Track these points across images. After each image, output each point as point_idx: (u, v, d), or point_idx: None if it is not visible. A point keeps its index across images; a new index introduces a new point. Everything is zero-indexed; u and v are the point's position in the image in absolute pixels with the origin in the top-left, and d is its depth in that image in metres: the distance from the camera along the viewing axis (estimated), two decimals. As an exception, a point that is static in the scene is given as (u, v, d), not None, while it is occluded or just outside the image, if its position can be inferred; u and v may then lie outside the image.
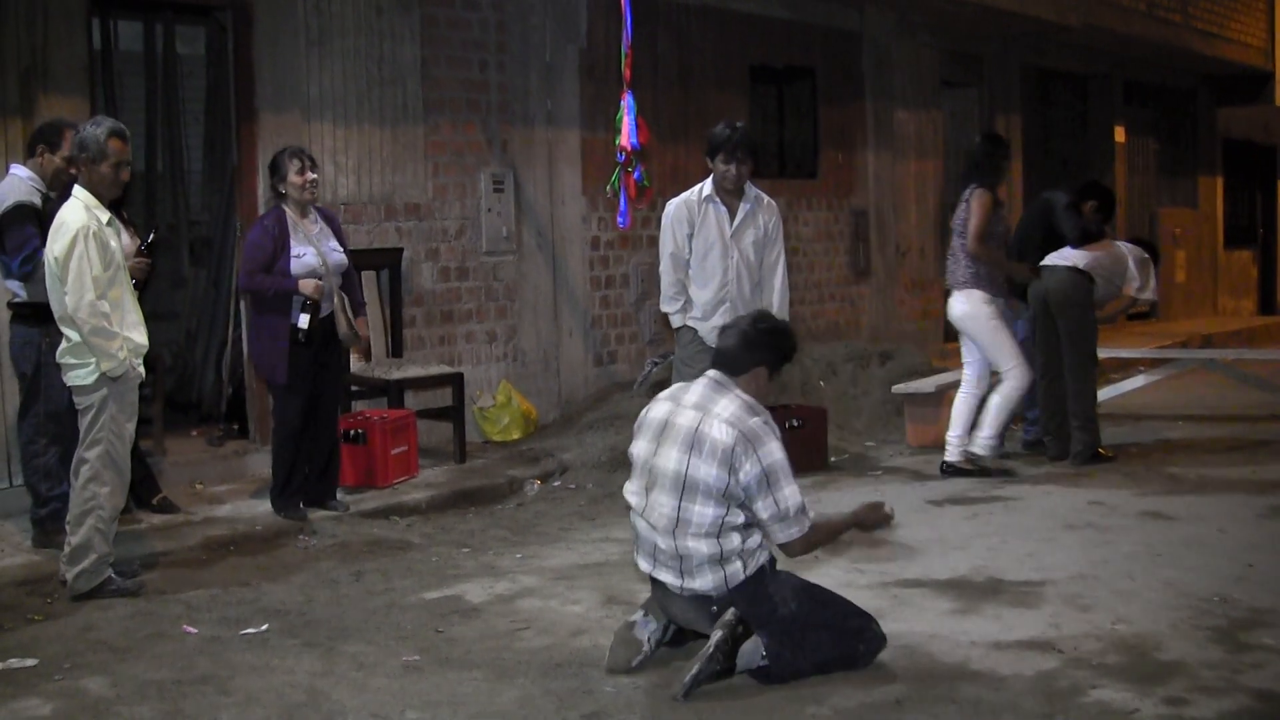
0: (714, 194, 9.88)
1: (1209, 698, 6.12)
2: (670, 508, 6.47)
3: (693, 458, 6.42)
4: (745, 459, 6.34)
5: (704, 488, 6.39)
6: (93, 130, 7.97)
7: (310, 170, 9.75)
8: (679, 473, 6.44)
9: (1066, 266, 11.71)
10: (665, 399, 6.76)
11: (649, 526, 6.62)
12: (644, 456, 6.68)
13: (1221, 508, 10.04)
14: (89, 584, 7.98)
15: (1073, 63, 21.97)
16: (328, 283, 9.69)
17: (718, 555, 6.44)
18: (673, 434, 6.53)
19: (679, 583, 6.55)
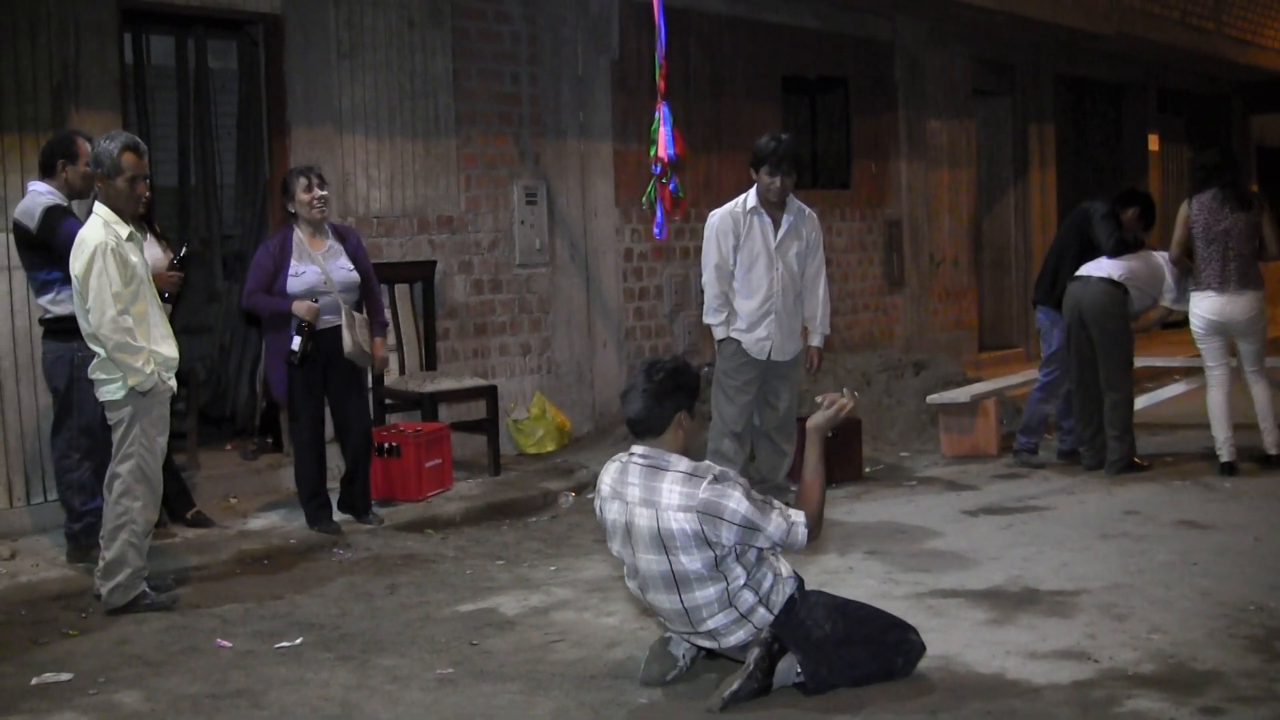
0: (758, 205, 9.90)
1: (1246, 707, 6.08)
2: (674, 603, 6.46)
3: (671, 556, 6.37)
4: (718, 529, 6.30)
5: (695, 576, 6.37)
6: (106, 145, 7.97)
7: (318, 188, 9.75)
8: (666, 573, 6.41)
9: (1101, 277, 11.65)
10: (610, 498, 6.61)
11: (664, 619, 6.63)
12: (626, 559, 6.62)
13: (1257, 516, 9.99)
14: (123, 598, 8.00)
15: (1106, 71, 21.91)
16: (333, 300, 9.71)
17: (739, 618, 6.44)
18: (640, 538, 6.45)
19: (716, 645, 6.55)
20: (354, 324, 9.78)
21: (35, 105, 9.90)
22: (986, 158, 19.68)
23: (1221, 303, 11.38)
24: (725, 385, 10.06)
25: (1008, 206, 19.92)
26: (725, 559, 6.35)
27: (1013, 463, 12.33)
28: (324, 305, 9.70)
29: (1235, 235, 11.42)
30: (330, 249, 9.82)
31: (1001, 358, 18.68)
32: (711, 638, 6.50)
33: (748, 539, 6.35)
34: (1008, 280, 19.88)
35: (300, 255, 9.74)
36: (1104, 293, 11.60)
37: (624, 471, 6.58)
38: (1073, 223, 12.49)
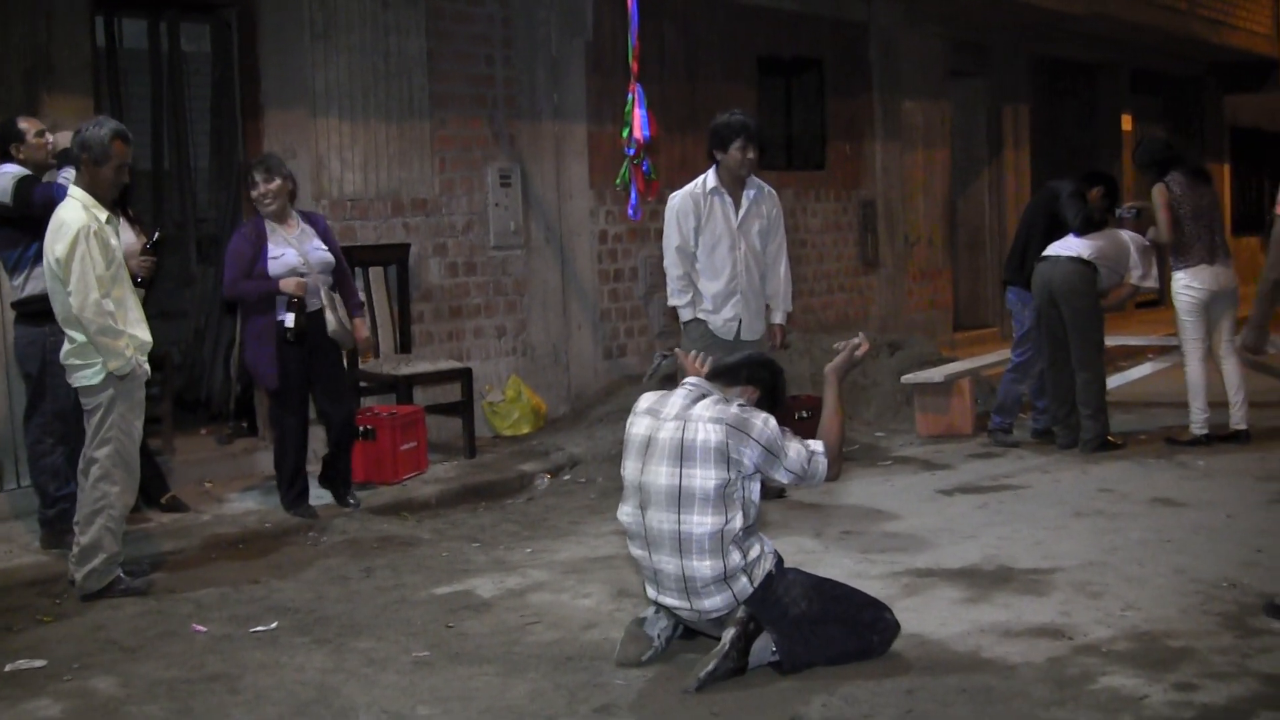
0: (718, 186, 9.92)
1: (1219, 683, 6.11)
2: (670, 523, 6.48)
3: (685, 469, 6.43)
4: (743, 446, 6.39)
5: (701, 495, 6.41)
6: (96, 131, 7.93)
7: (266, 182, 9.73)
8: (672, 487, 6.46)
9: (1070, 256, 11.69)
10: (644, 413, 6.73)
11: (649, 552, 6.63)
12: (633, 476, 6.70)
13: (1230, 494, 10.03)
14: (98, 583, 7.98)
15: (1080, 52, 21.94)
16: (312, 280, 9.71)
17: (722, 574, 6.43)
18: (658, 450, 6.53)
19: (688, 605, 6.55)
20: (335, 304, 9.78)
21: (6, 89, 9.86)
22: (961, 138, 19.70)
23: (1214, 274, 11.58)
24: None
25: (982, 187, 19.96)
26: (733, 490, 6.42)
27: (987, 442, 12.37)
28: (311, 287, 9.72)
29: (1214, 209, 11.66)
30: (303, 231, 9.82)
31: (976, 337, 18.73)
32: (690, 591, 6.49)
33: (768, 464, 6.45)
34: (982, 260, 19.92)
35: (277, 240, 9.76)
36: (1074, 271, 11.63)
37: (667, 395, 6.74)
38: (1039, 202, 12.56)
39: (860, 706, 6.00)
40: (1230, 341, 11.78)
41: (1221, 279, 11.66)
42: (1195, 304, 11.64)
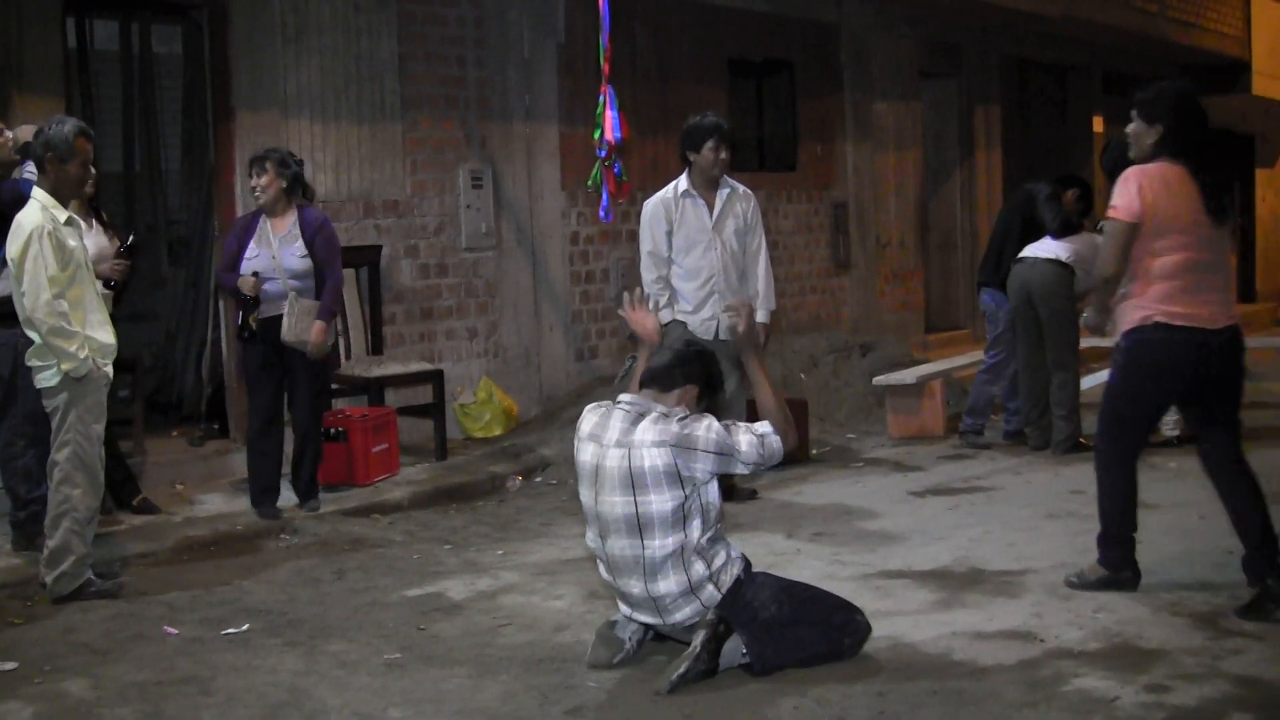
0: (690, 189, 9.96)
1: (1190, 684, 6.13)
2: (633, 549, 6.48)
3: (638, 496, 6.43)
4: (693, 462, 6.41)
5: (659, 519, 6.41)
6: (60, 129, 7.93)
7: (256, 175, 9.90)
8: (629, 515, 6.46)
9: (1047, 258, 11.72)
10: (588, 439, 6.68)
11: (614, 577, 6.64)
12: (589, 504, 6.68)
13: (1202, 495, 9.99)
14: (69, 586, 7.96)
15: (1051, 53, 21.97)
16: (280, 287, 9.80)
17: (688, 588, 6.44)
18: (608, 479, 6.51)
19: (659, 621, 6.56)
20: (293, 310, 9.76)
21: (-23, 90, 9.86)
22: (933, 140, 19.72)
23: None
24: None
25: (954, 188, 19.97)
26: (690, 505, 6.42)
27: (959, 444, 12.40)
28: (271, 291, 9.80)
29: None
30: (288, 233, 9.86)
31: (948, 339, 18.73)
32: (659, 609, 6.50)
33: (724, 465, 6.46)
34: (954, 262, 19.93)
35: (260, 239, 9.88)
36: (1052, 273, 11.67)
37: (607, 417, 6.65)
38: (1015, 204, 12.60)
39: (832, 709, 6.01)
40: None
41: None
42: None
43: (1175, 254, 7.36)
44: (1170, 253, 7.36)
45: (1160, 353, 7.43)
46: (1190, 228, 7.39)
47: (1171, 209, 7.36)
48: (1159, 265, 7.36)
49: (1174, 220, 7.36)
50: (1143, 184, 7.39)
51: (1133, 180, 7.42)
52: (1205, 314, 7.39)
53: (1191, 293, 7.38)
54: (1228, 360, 7.55)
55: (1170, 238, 7.35)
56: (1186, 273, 7.38)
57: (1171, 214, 7.36)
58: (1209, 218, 7.44)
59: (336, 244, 10.21)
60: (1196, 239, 7.41)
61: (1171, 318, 7.35)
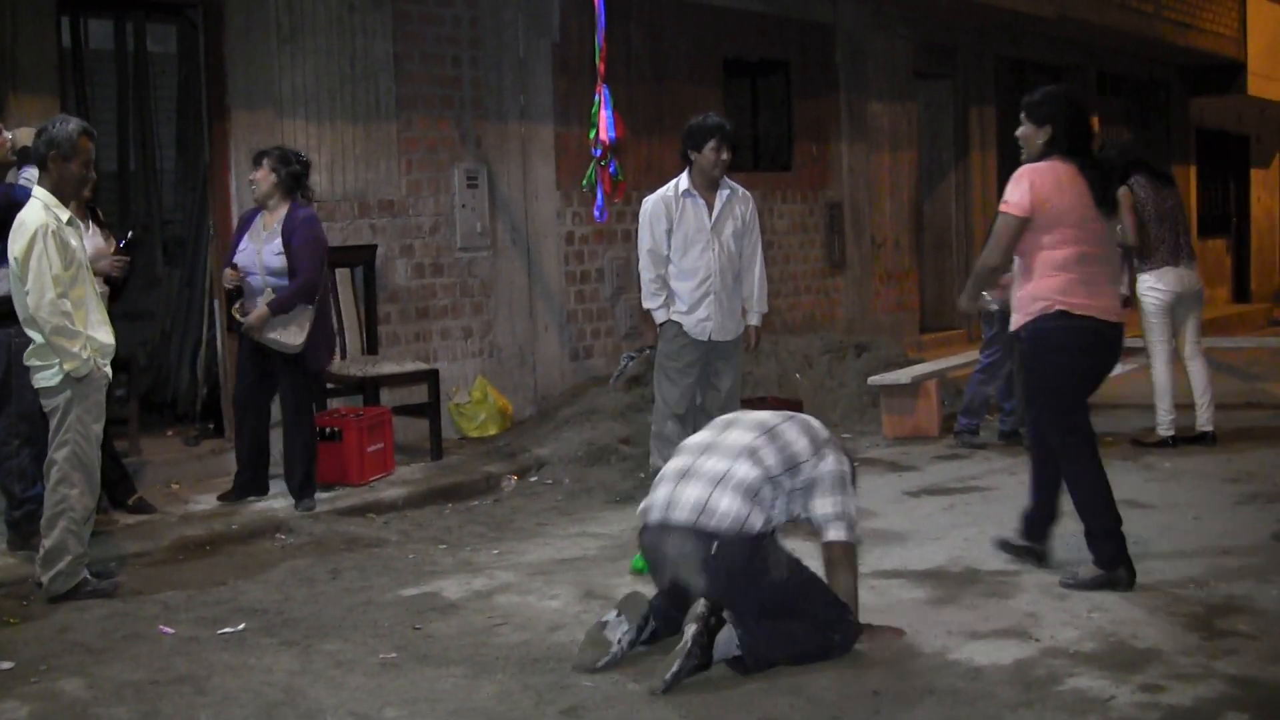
0: (690, 188, 9.95)
1: (1185, 684, 6.13)
2: (724, 465, 6.74)
3: (762, 439, 6.82)
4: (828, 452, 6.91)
5: (764, 464, 6.71)
6: (63, 128, 7.93)
7: (254, 171, 10.11)
8: (748, 445, 6.79)
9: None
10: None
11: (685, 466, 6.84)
12: (704, 439, 7.05)
13: (1197, 496, 10.07)
14: (65, 586, 7.96)
15: (1046, 54, 21.99)
16: (259, 282, 9.93)
17: (752, 490, 6.61)
18: (746, 421, 7.05)
19: (705, 496, 6.65)
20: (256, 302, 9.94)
21: (-28, 90, 9.85)
22: (928, 140, 19.74)
23: (1179, 275, 11.69)
24: (667, 368, 10.08)
25: (949, 189, 19.99)
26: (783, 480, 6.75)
27: (954, 444, 12.41)
28: (254, 286, 9.99)
29: (1179, 211, 11.74)
30: (272, 230, 9.95)
31: (943, 339, 18.75)
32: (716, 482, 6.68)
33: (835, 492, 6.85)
34: (949, 262, 19.95)
35: (253, 234, 10.04)
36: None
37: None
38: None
39: (827, 708, 6.02)
40: (1196, 343, 11.85)
41: (1186, 280, 11.72)
42: (1160, 306, 11.69)
43: (1065, 247, 7.76)
44: (1061, 246, 7.76)
45: (1063, 336, 7.77)
46: (1079, 222, 7.80)
47: (1062, 204, 7.77)
48: (1052, 258, 7.76)
49: (1065, 215, 7.76)
50: (1034, 181, 7.79)
51: (1025, 178, 7.82)
52: (1101, 305, 7.83)
53: (1087, 285, 7.78)
54: (1114, 355, 8.08)
55: (1059, 231, 7.76)
56: (1079, 265, 7.78)
57: (1062, 209, 7.76)
58: (1097, 211, 7.88)
59: (315, 242, 10.09)
60: (1085, 233, 7.82)
61: (1071, 307, 7.74)
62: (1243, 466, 11.00)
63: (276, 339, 9.88)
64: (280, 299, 9.92)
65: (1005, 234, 7.83)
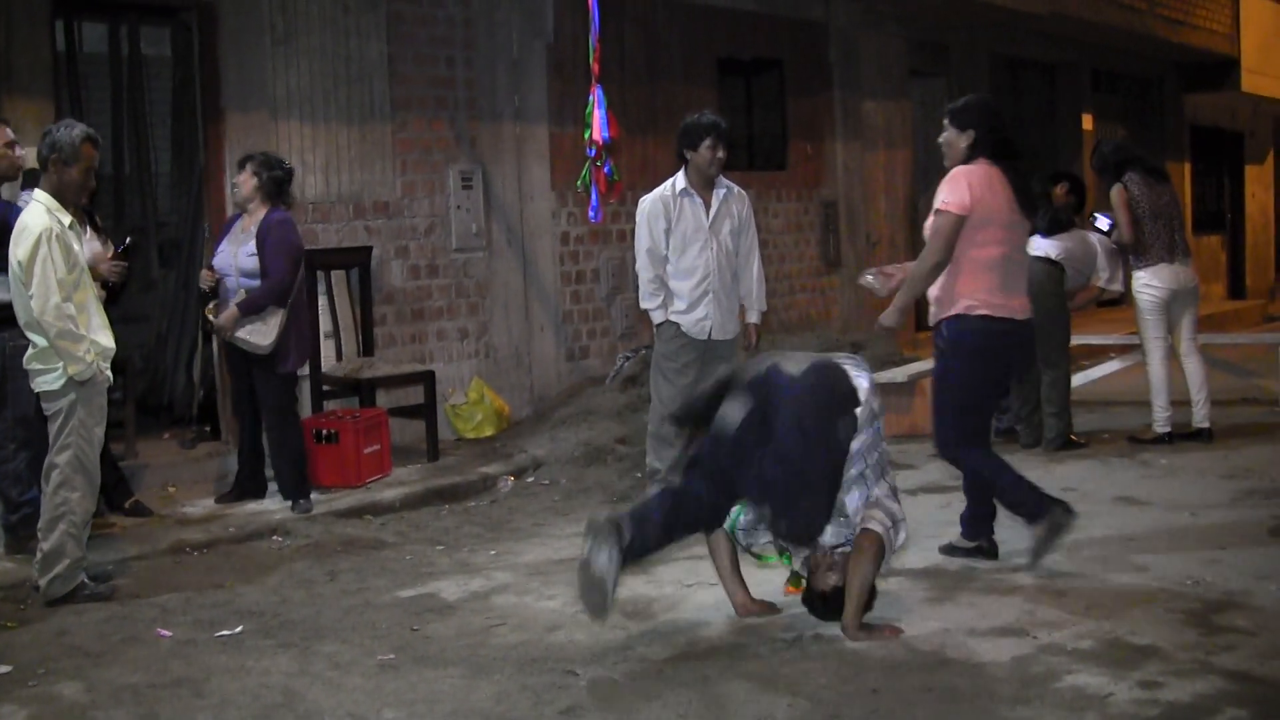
0: (688, 187, 9.96)
1: (1183, 680, 6.13)
2: None
3: None
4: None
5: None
6: (66, 133, 7.93)
7: (236, 174, 10.21)
8: None
9: (1036, 256, 11.71)
10: None
11: None
12: None
13: (1193, 492, 10.07)
14: (62, 589, 7.95)
15: (1040, 51, 22.01)
16: (234, 284, 9.99)
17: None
18: None
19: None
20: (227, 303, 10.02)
21: (-34, 94, 9.84)
22: (922, 138, 19.70)
23: (1174, 272, 11.69)
24: (664, 368, 10.09)
25: (944, 187, 19.96)
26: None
27: (951, 442, 12.39)
28: (229, 288, 10.07)
29: (1174, 207, 11.74)
30: (248, 234, 10.05)
31: (939, 337, 18.73)
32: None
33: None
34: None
35: (232, 237, 10.14)
36: (1041, 271, 11.65)
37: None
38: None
39: (825, 706, 6.01)
40: (1192, 340, 11.86)
41: (1182, 277, 11.72)
42: (1156, 303, 11.69)
43: (992, 248, 8.14)
44: (988, 246, 8.13)
45: (983, 340, 8.14)
46: (1007, 224, 8.22)
47: (993, 205, 8.15)
48: (979, 258, 8.12)
49: (994, 215, 8.15)
50: (971, 181, 8.16)
51: (961, 178, 8.20)
52: (1017, 305, 8.23)
53: (1005, 286, 8.19)
54: (1027, 353, 8.63)
55: (988, 231, 8.13)
56: (1002, 265, 8.18)
57: (993, 209, 8.14)
58: (1020, 215, 8.29)
59: (288, 244, 10.08)
60: (1011, 234, 8.26)
61: (993, 309, 8.12)
62: (1239, 463, 11.00)
63: (245, 339, 9.92)
64: (250, 300, 9.96)
65: (946, 232, 8.12)
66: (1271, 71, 27.19)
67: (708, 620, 7.34)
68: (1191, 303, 11.91)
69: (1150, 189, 11.74)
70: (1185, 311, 11.84)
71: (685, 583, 8.11)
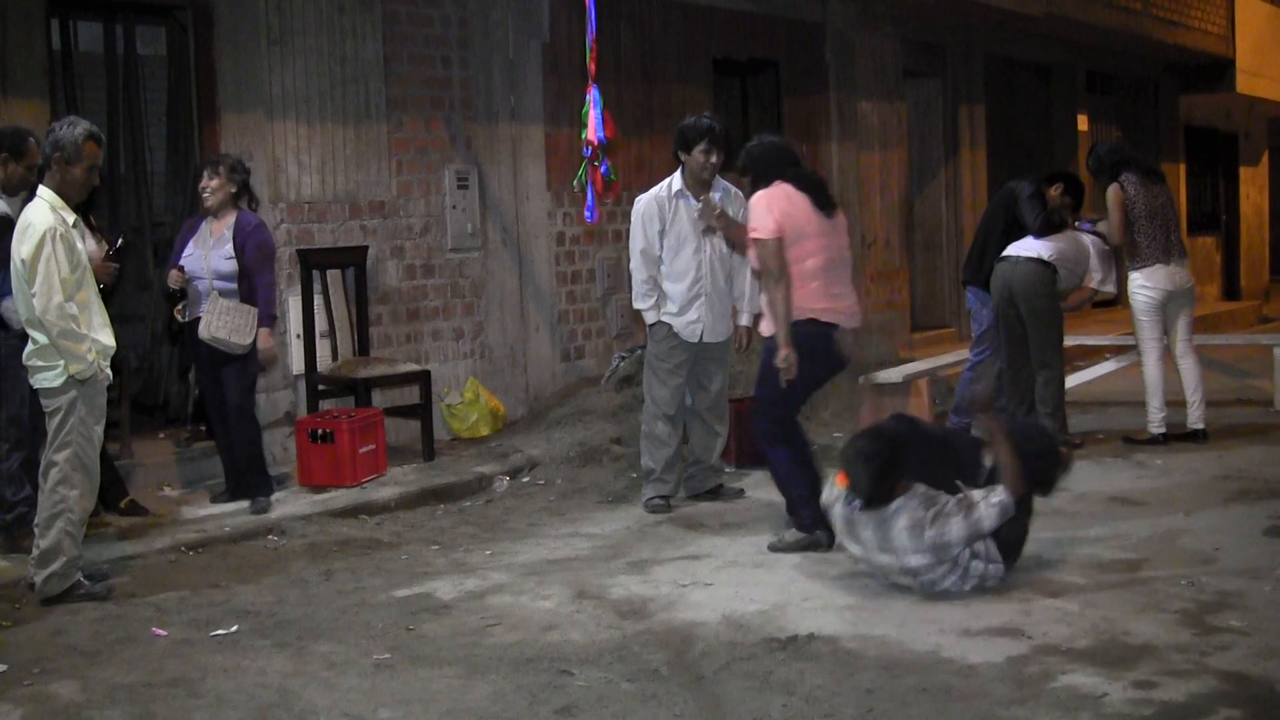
0: (684, 189, 9.97)
1: (1178, 680, 6.15)
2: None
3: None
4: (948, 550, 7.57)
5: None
6: (69, 131, 7.92)
7: (208, 178, 10.14)
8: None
9: (1029, 257, 11.72)
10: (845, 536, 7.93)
11: None
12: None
13: (1188, 493, 10.09)
14: (58, 588, 7.95)
15: (1035, 52, 22.01)
16: (206, 286, 9.98)
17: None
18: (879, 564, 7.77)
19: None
20: (213, 309, 9.94)
21: (-38, 93, 9.84)
22: (917, 139, 19.74)
23: (1170, 273, 11.74)
24: (657, 368, 10.10)
25: (939, 187, 19.99)
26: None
27: (946, 442, 12.39)
28: (199, 290, 10.05)
29: (1169, 208, 11.77)
30: (221, 235, 10.06)
31: (934, 338, 18.76)
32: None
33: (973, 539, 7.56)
34: (939, 261, 19.95)
35: (199, 239, 10.12)
36: (1033, 272, 11.67)
37: (851, 523, 7.78)
38: (999, 203, 12.58)
39: (820, 706, 6.03)
40: (1187, 341, 11.88)
41: (1177, 278, 11.74)
42: (1151, 304, 11.71)
43: (811, 258, 8.73)
44: (807, 258, 8.72)
45: (813, 341, 8.68)
46: (815, 232, 8.80)
47: (799, 218, 8.75)
48: (801, 270, 8.69)
49: (805, 227, 8.75)
50: (771, 204, 8.74)
51: (763, 204, 8.76)
52: (843, 308, 8.86)
53: (830, 292, 8.80)
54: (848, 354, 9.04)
55: (804, 244, 8.73)
56: (824, 273, 8.78)
57: (801, 223, 8.75)
58: (820, 214, 8.86)
59: (269, 249, 10.32)
60: (823, 241, 8.83)
61: (819, 314, 8.72)
62: (1233, 463, 11.02)
63: (227, 339, 9.92)
64: (266, 311, 10.13)
65: (775, 254, 8.65)
66: (1266, 73, 27.20)
67: (703, 620, 7.35)
68: (1187, 304, 11.92)
69: (1146, 189, 11.76)
70: (1181, 312, 11.86)
71: (680, 583, 8.12)
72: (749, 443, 11.59)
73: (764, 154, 9.03)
